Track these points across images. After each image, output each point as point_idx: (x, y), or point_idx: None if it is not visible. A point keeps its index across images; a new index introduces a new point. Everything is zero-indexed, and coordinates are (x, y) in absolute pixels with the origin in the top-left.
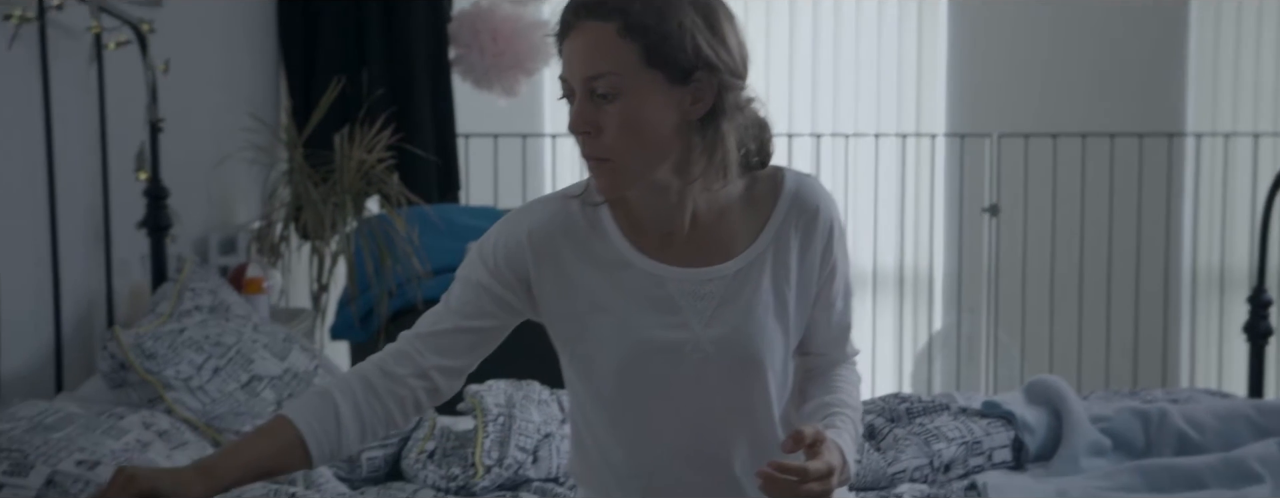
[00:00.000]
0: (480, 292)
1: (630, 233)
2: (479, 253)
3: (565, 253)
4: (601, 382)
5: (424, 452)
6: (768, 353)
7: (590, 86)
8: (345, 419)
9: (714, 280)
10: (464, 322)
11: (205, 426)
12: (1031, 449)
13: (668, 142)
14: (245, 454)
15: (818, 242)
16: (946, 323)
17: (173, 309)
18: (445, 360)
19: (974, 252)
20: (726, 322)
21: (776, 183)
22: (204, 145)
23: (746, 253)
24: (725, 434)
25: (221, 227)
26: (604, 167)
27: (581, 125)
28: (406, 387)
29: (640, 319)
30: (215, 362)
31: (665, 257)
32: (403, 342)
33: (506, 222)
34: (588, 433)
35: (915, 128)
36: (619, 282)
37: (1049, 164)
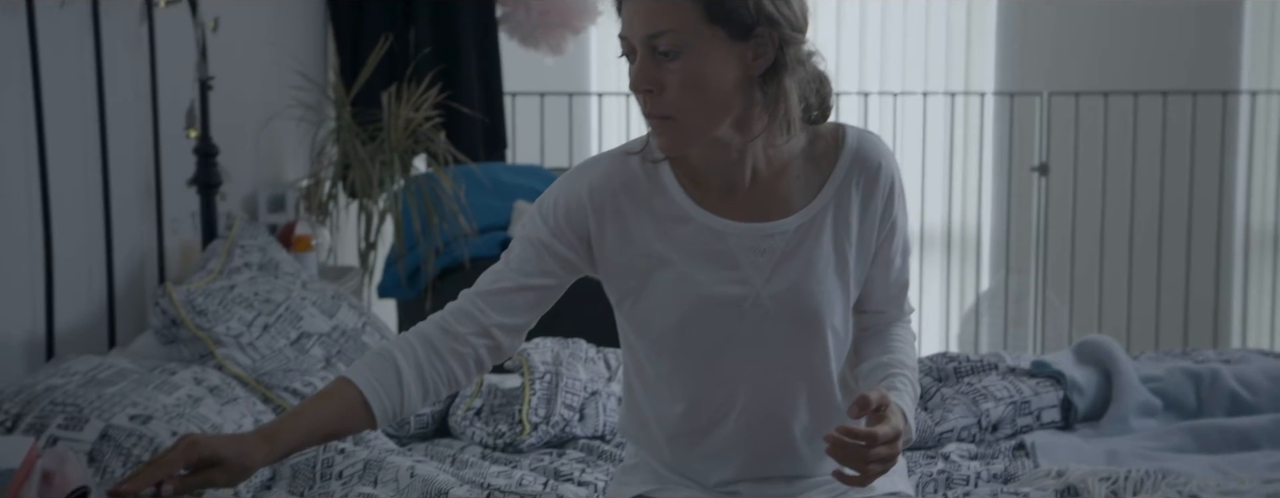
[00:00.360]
0: (541, 250)
1: (690, 188)
2: (539, 211)
3: (625, 209)
4: (660, 337)
5: (471, 409)
6: (827, 310)
7: (652, 44)
8: (407, 379)
9: (774, 236)
10: (525, 280)
11: (255, 382)
12: (1081, 409)
13: (729, 98)
14: (307, 418)
15: (878, 199)
16: (994, 283)
17: (223, 266)
18: (507, 318)
19: (1023, 211)
20: (786, 278)
21: (838, 139)
22: (253, 104)
23: (807, 209)
24: (783, 392)
25: (270, 185)
26: (666, 124)
27: (643, 83)
28: (468, 345)
29: (700, 274)
30: (264, 318)
31: (726, 211)
32: (463, 300)
33: (566, 179)
34: (643, 390)
35: (964, 86)
36: (679, 237)
37: (1100, 123)
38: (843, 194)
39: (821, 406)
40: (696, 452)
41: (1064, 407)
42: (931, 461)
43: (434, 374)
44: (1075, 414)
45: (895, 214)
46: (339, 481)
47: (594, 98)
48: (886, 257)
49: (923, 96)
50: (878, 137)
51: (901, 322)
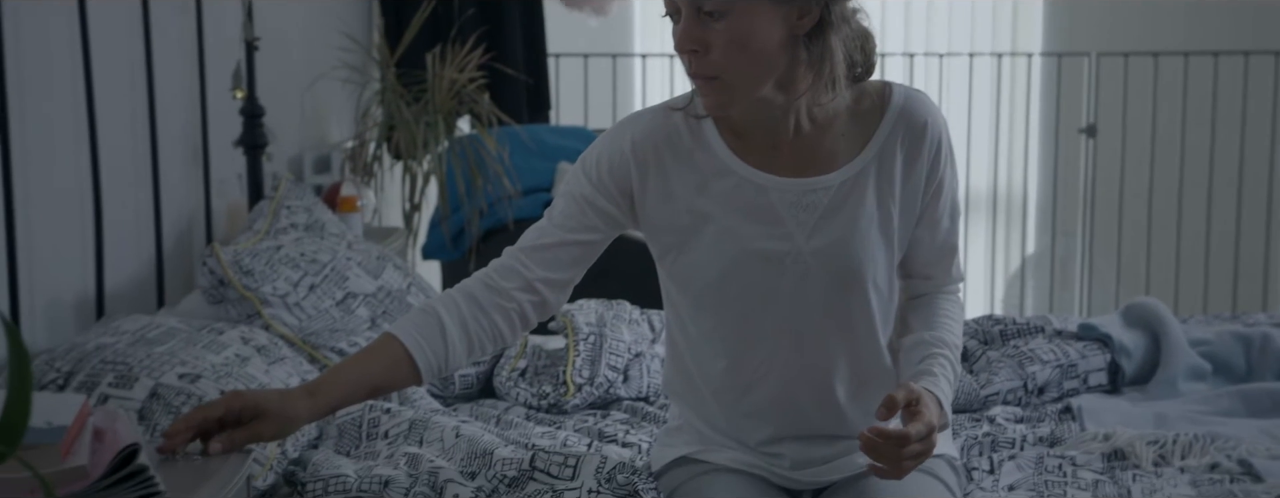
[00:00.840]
0: (584, 205)
1: (733, 142)
2: (582, 166)
3: (668, 163)
4: (701, 292)
5: (515, 370)
6: (870, 267)
7: (697, 5)
8: (451, 334)
9: (817, 191)
10: (568, 235)
11: (301, 341)
12: (1128, 373)
13: (774, 57)
14: (351, 372)
15: (924, 157)
16: (1040, 246)
17: (269, 227)
18: (551, 273)
19: (1070, 173)
20: (828, 233)
21: (884, 96)
22: (298, 65)
23: (851, 165)
24: (825, 350)
25: (316, 146)
26: (712, 85)
27: (688, 44)
28: (513, 300)
29: (742, 229)
30: (311, 279)
31: (769, 166)
32: (507, 256)
33: (609, 134)
34: (686, 346)
35: (1011, 47)
36: (721, 191)
37: (1149, 84)
38: (888, 151)
39: (865, 365)
40: (740, 409)
41: (1111, 370)
42: (977, 424)
43: (478, 329)
44: (1122, 378)
45: (942, 173)
46: (384, 440)
47: (638, 59)
48: (932, 217)
49: (969, 58)
50: (925, 95)
51: (949, 291)
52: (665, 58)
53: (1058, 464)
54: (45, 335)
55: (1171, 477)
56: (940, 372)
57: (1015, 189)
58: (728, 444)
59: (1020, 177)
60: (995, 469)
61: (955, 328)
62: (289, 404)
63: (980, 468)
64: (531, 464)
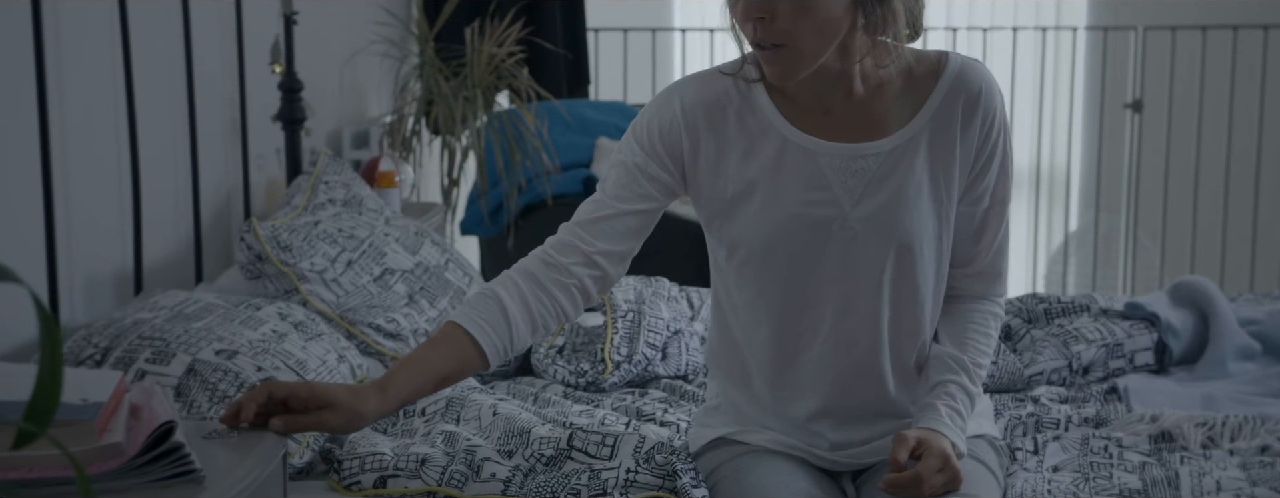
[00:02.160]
0: (637, 173)
1: (784, 106)
2: (633, 134)
3: (718, 127)
4: (747, 258)
5: (553, 347)
6: (918, 235)
7: None
8: (513, 315)
9: (867, 157)
10: (624, 205)
11: (339, 317)
12: (1175, 353)
13: (839, 22)
14: (417, 364)
15: (977, 126)
16: (1083, 223)
17: (307, 202)
18: (610, 245)
19: (1114, 150)
20: (876, 200)
21: (940, 64)
22: (337, 39)
23: (902, 131)
24: (872, 322)
25: (354, 121)
26: (779, 53)
27: (755, 11)
28: (572, 275)
29: (789, 194)
30: (348, 254)
31: (818, 131)
32: (564, 232)
33: (657, 100)
34: (732, 315)
35: (1055, 21)
36: (770, 155)
37: (1197, 58)
38: (940, 119)
39: (911, 340)
40: (782, 380)
41: (1158, 350)
42: (1021, 403)
43: (540, 307)
44: (1170, 358)
45: (993, 147)
46: (422, 418)
47: (677, 33)
48: (974, 195)
49: (1012, 32)
50: (982, 65)
51: (988, 303)
52: (704, 32)
53: (1103, 446)
54: (83, 311)
55: (1220, 459)
56: (945, 405)
57: (1058, 165)
58: (767, 422)
59: (1063, 153)
60: (1039, 450)
61: (984, 345)
62: (359, 399)
63: (1024, 448)
64: (569, 444)
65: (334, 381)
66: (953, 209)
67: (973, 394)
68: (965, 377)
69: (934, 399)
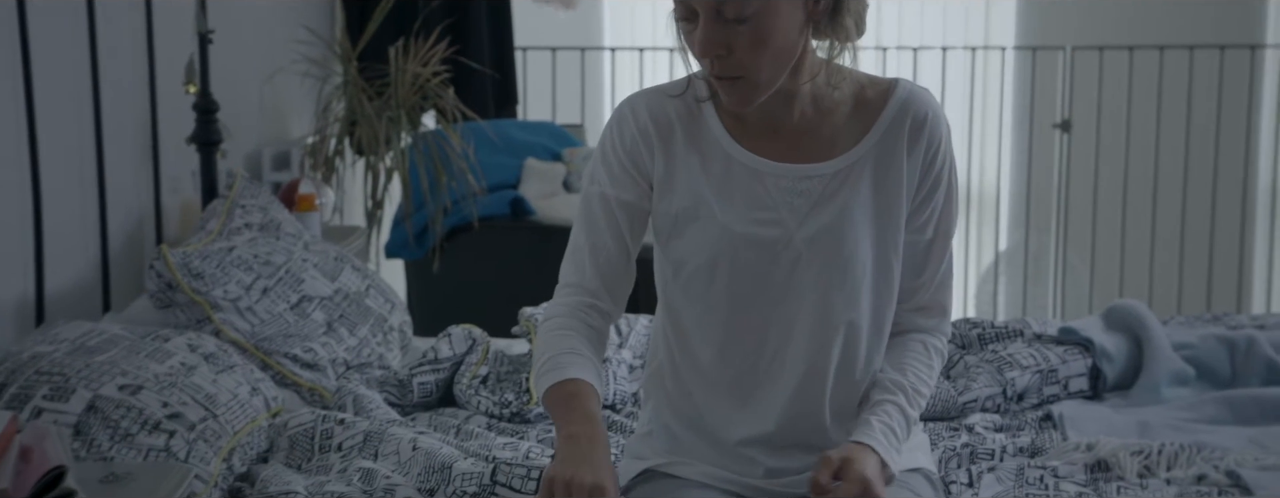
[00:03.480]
0: (609, 204)
1: (732, 126)
2: (600, 162)
3: (668, 143)
4: (692, 277)
5: (477, 377)
6: (861, 258)
7: (717, 10)
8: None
9: (813, 178)
10: (600, 240)
11: (253, 347)
12: (1110, 378)
13: (795, 46)
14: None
15: (922, 151)
16: (1013, 242)
17: (222, 227)
18: (622, 291)
19: (1044, 169)
20: (820, 221)
21: (890, 89)
22: (256, 58)
23: (849, 154)
24: (815, 345)
25: (274, 142)
26: (737, 84)
27: (713, 49)
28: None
29: (735, 213)
30: (264, 282)
31: (766, 151)
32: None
33: (615, 118)
34: (676, 335)
35: (984, 41)
36: (717, 173)
37: (1124, 78)
38: (887, 142)
39: (855, 368)
40: (723, 403)
41: (1093, 375)
42: (955, 433)
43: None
44: (1104, 383)
45: (937, 175)
46: (338, 453)
47: (607, 53)
48: (916, 223)
49: (942, 52)
50: (931, 94)
51: (934, 335)
52: (634, 52)
53: (1039, 476)
54: None
55: (1157, 489)
56: (880, 421)
57: (988, 185)
58: (701, 449)
59: (993, 172)
60: (974, 482)
61: (925, 374)
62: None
63: (959, 481)
64: (492, 478)
65: (245, 415)
66: (899, 236)
67: (909, 417)
68: (903, 398)
69: (869, 416)
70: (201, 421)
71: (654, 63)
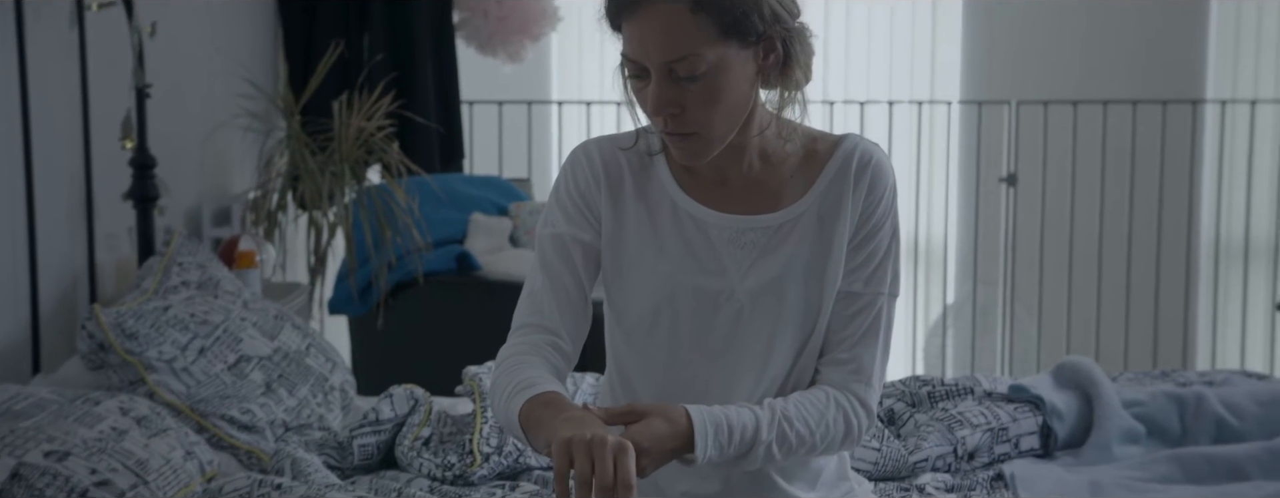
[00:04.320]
0: (564, 244)
1: (681, 176)
2: (556, 204)
3: (617, 190)
4: (634, 326)
5: (419, 439)
6: (805, 313)
7: (669, 68)
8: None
9: (757, 229)
10: (558, 280)
11: (189, 409)
12: (1061, 437)
13: (747, 100)
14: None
15: (863, 196)
16: (960, 295)
17: (158, 286)
18: (580, 333)
19: (991, 222)
20: (763, 273)
21: (836, 142)
22: (196, 112)
23: (794, 206)
24: (758, 395)
25: (215, 197)
26: (689, 140)
27: (665, 108)
28: (567, 371)
29: (678, 263)
30: (201, 341)
31: (713, 202)
32: (527, 345)
33: (570, 163)
34: (621, 383)
35: (930, 95)
36: (663, 223)
37: (1069, 132)
38: (832, 192)
39: None
40: None
41: (1043, 433)
42: (906, 493)
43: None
44: (1055, 441)
45: (877, 224)
46: None
47: (554, 106)
48: (853, 266)
49: (888, 105)
50: (880, 148)
51: (842, 390)
52: (581, 105)
53: None
54: None
55: None
56: (724, 411)
57: (935, 238)
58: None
59: (940, 225)
60: None
61: (809, 411)
62: None
63: None
64: None
65: (178, 480)
66: (833, 288)
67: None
68: (766, 414)
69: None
70: (132, 488)
71: (601, 116)
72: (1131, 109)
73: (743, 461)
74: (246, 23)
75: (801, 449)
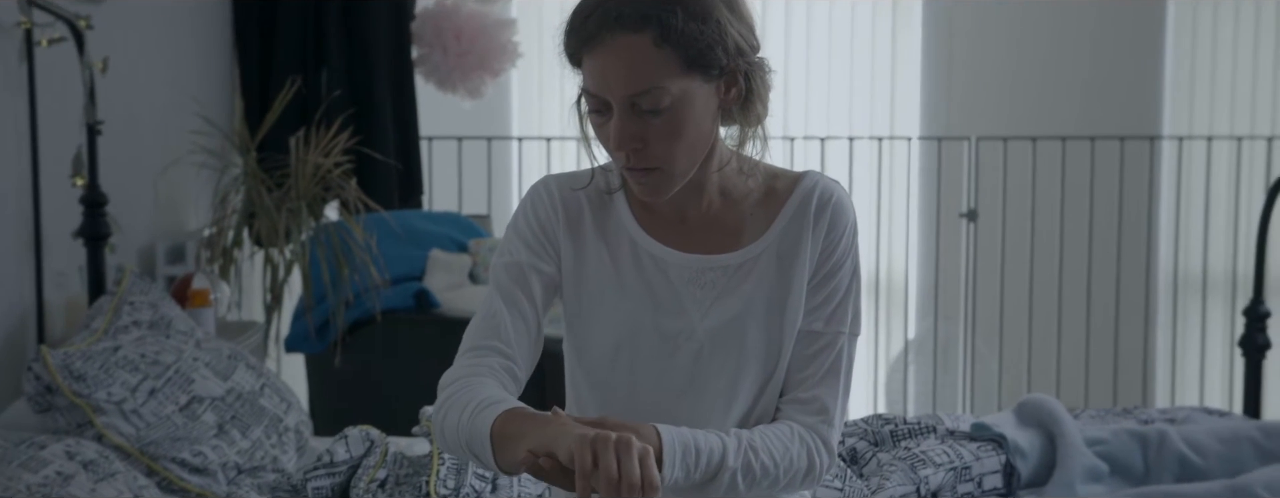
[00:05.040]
0: (523, 272)
1: (640, 214)
2: (515, 235)
3: (577, 228)
4: (594, 365)
5: (375, 481)
6: (766, 354)
7: (632, 102)
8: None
9: (717, 269)
10: (514, 307)
11: (138, 452)
12: (1024, 475)
13: (708, 135)
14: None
15: (824, 234)
16: (921, 330)
17: (108, 325)
18: (531, 363)
19: (951, 258)
20: (723, 314)
21: (796, 179)
22: (150, 148)
23: (754, 245)
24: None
25: (169, 234)
26: (651, 176)
27: (628, 143)
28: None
29: (638, 302)
30: (151, 382)
31: (673, 240)
32: (490, 369)
33: (530, 196)
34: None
35: (890, 131)
36: (623, 261)
37: (1028, 168)
38: (792, 230)
39: None
40: None
41: (1006, 472)
42: None
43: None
44: (1018, 480)
45: (838, 262)
46: None
47: (514, 142)
48: (813, 305)
49: (849, 141)
50: (840, 185)
51: (807, 428)
52: (541, 141)
53: None
54: None
55: None
56: (693, 433)
57: (897, 274)
58: None
59: (901, 261)
60: None
61: (774, 443)
62: None
63: None
64: None
65: None
66: (792, 327)
67: (725, 463)
68: (732, 441)
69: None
70: None
71: (562, 152)
72: (1090, 145)
73: (707, 487)
74: (202, 58)
75: (764, 481)
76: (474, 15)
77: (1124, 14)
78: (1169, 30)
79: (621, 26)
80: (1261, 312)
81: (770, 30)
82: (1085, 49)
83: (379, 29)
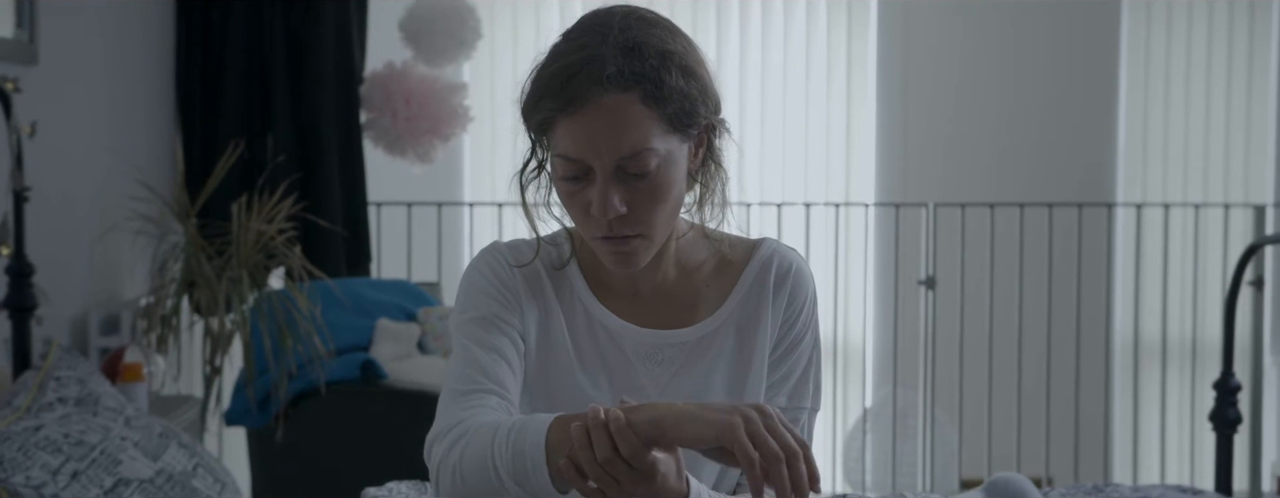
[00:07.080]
0: (494, 322)
1: (595, 287)
2: (474, 292)
3: (543, 284)
4: None
5: None
6: None
7: (619, 167)
8: None
9: (674, 345)
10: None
11: None
12: None
13: (681, 198)
14: None
15: (784, 304)
16: (879, 398)
17: (31, 402)
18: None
19: (909, 325)
20: (682, 390)
21: (753, 248)
22: (86, 215)
23: (710, 319)
24: None
25: (104, 304)
26: (631, 244)
27: (614, 210)
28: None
29: (592, 379)
30: (74, 464)
31: (628, 315)
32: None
33: (487, 256)
34: None
35: (846, 197)
36: (579, 332)
37: (986, 235)
38: (750, 301)
39: None
40: None
41: None
42: None
43: None
44: None
45: (800, 333)
46: None
47: (465, 208)
48: (773, 379)
49: (805, 207)
50: (797, 252)
51: None
52: (493, 207)
53: None
54: None
55: None
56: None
57: (854, 340)
58: None
59: (859, 328)
60: None
61: None
62: None
63: None
64: None
65: None
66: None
67: None
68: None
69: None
70: None
71: (514, 218)
72: (1048, 211)
73: None
74: (142, 121)
75: None
76: (424, 79)
77: (1075, 79)
78: (1122, 95)
79: (611, 85)
80: (1233, 385)
81: (726, 94)
82: (1038, 115)
83: (326, 92)
